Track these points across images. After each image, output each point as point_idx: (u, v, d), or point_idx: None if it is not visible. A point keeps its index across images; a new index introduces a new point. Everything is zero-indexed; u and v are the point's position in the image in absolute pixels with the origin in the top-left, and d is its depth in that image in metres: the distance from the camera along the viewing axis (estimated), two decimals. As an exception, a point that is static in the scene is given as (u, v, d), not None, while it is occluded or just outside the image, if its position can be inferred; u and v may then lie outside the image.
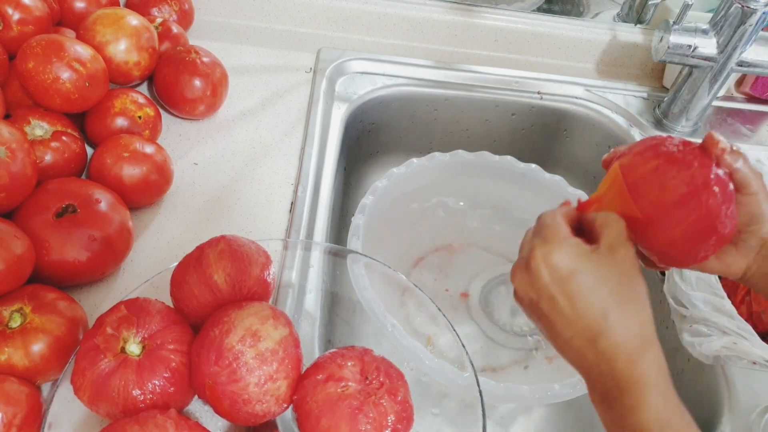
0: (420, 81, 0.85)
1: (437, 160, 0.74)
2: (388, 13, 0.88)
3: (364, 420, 0.42)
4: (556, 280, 0.33)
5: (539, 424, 0.73)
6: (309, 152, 0.72)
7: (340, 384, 0.44)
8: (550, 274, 0.33)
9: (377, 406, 0.43)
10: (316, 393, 0.43)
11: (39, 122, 0.59)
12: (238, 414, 0.43)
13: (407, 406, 0.45)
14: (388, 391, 0.44)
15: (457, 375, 0.53)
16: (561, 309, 0.33)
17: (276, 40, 0.87)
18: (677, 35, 0.72)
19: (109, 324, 0.44)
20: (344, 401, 0.43)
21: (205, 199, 0.66)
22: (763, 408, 0.58)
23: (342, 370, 0.44)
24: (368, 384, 0.44)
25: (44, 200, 0.52)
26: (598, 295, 0.32)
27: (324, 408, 0.43)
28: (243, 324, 0.43)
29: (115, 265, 0.56)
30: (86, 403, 0.43)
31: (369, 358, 0.46)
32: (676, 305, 0.61)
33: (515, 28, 0.89)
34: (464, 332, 0.74)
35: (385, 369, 0.45)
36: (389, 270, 0.56)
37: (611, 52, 0.91)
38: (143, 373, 0.42)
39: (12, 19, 0.62)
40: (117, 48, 0.65)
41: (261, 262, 0.50)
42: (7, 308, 0.46)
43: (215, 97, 0.71)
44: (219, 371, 0.42)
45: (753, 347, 0.55)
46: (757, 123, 0.88)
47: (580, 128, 0.88)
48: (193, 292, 0.48)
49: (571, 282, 0.33)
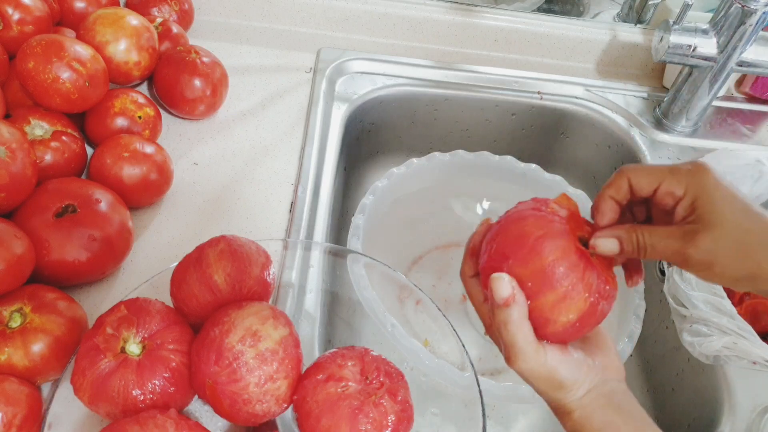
0: (420, 81, 0.85)
1: (437, 160, 0.74)
2: (388, 13, 0.88)
3: (364, 420, 0.42)
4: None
5: (539, 424, 0.73)
6: (309, 152, 0.72)
7: (340, 384, 0.44)
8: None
9: (377, 406, 0.43)
10: (316, 393, 0.43)
11: (39, 122, 0.59)
12: (238, 414, 0.43)
13: (407, 406, 0.45)
14: (389, 391, 0.44)
15: (457, 375, 0.53)
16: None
17: (276, 40, 0.87)
18: (677, 35, 0.72)
19: (109, 324, 0.44)
20: (344, 401, 0.43)
21: (205, 199, 0.66)
22: (763, 408, 0.58)
23: (342, 370, 0.44)
24: (368, 384, 0.44)
25: (44, 200, 0.52)
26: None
27: (324, 408, 0.43)
28: (243, 324, 0.43)
29: (115, 265, 0.56)
30: (86, 403, 0.43)
31: (369, 358, 0.46)
32: (676, 305, 0.61)
33: (515, 28, 0.89)
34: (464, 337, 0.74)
35: (385, 369, 0.46)
36: (389, 270, 0.56)
37: (611, 52, 0.91)
38: (143, 373, 0.42)
39: (12, 19, 0.62)
40: (117, 48, 0.65)
41: (261, 262, 0.50)
42: (7, 308, 0.47)
43: (215, 97, 0.71)
44: (219, 371, 0.42)
45: (753, 347, 0.55)
46: (757, 123, 0.87)
47: (580, 128, 0.88)
48: (193, 292, 0.48)
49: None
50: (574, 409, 0.40)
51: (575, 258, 0.37)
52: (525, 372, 0.40)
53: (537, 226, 0.39)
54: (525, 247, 0.38)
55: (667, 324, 0.72)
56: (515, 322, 0.38)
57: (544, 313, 0.38)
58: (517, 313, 0.38)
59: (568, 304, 0.38)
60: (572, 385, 0.40)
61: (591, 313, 0.38)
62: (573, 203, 0.41)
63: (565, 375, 0.39)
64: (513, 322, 0.38)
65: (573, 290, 0.37)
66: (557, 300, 0.38)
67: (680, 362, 0.68)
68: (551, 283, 0.37)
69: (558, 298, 0.37)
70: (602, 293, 0.38)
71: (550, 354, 0.39)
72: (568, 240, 0.38)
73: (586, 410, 0.40)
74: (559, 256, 0.37)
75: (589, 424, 0.39)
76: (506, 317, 0.38)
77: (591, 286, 0.38)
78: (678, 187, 0.37)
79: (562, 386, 0.40)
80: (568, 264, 0.37)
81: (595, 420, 0.39)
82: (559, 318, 0.38)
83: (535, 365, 0.39)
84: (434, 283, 0.79)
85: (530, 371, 0.39)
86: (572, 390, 0.40)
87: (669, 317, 0.64)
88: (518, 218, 0.40)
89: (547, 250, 0.38)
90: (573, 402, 0.40)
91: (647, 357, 0.77)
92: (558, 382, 0.39)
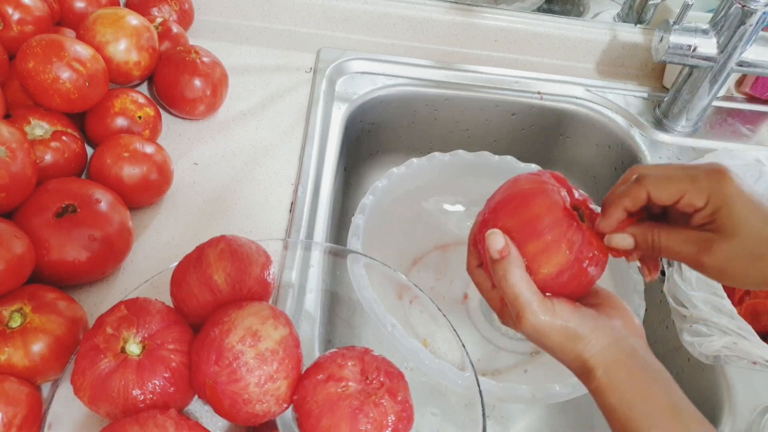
0: (420, 81, 0.85)
1: (437, 160, 0.74)
2: (388, 13, 0.88)
3: (364, 420, 0.42)
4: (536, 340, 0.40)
5: (539, 424, 0.73)
6: (309, 152, 0.72)
7: (340, 384, 0.44)
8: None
9: (378, 406, 0.43)
10: (316, 393, 0.43)
11: (39, 122, 0.59)
12: (238, 414, 0.43)
13: (407, 406, 0.45)
14: (389, 391, 0.44)
15: (457, 375, 0.53)
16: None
17: (276, 40, 0.87)
18: (677, 35, 0.72)
19: (109, 324, 0.44)
20: (344, 401, 0.43)
21: (205, 199, 0.66)
22: (763, 408, 0.58)
23: (342, 370, 0.44)
24: (368, 384, 0.44)
25: (44, 200, 0.52)
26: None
27: (324, 408, 0.43)
28: (243, 324, 0.43)
29: (115, 265, 0.56)
30: (86, 402, 0.43)
31: (369, 357, 0.46)
32: (676, 305, 0.61)
33: (515, 28, 0.89)
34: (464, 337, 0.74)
35: (386, 369, 0.46)
36: (389, 270, 0.56)
37: (611, 52, 0.91)
38: (143, 373, 0.42)
39: (12, 19, 0.62)
40: (117, 48, 0.65)
41: (261, 262, 0.50)
42: (7, 308, 0.46)
43: (215, 97, 0.71)
44: (219, 371, 0.42)
45: (753, 347, 0.55)
46: (757, 123, 0.87)
47: (581, 128, 0.88)
48: (193, 291, 0.48)
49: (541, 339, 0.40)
50: (597, 366, 0.37)
51: (561, 215, 0.39)
52: (537, 326, 0.38)
53: (529, 183, 0.41)
54: (514, 201, 0.40)
55: (667, 324, 0.72)
56: (513, 272, 0.38)
57: (527, 264, 0.39)
58: (514, 263, 0.38)
59: (548, 255, 0.39)
60: (590, 334, 0.38)
61: (573, 271, 0.39)
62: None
63: (578, 324, 0.38)
64: (511, 272, 0.38)
65: (554, 243, 0.38)
66: (538, 251, 0.39)
67: (680, 362, 0.68)
68: (534, 232, 0.39)
69: (539, 248, 0.39)
70: (587, 255, 0.39)
71: (558, 305, 0.38)
72: (556, 199, 0.39)
73: (610, 367, 0.37)
74: (544, 210, 0.39)
75: (616, 380, 0.37)
76: (504, 269, 0.38)
77: (573, 244, 0.39)
78: (700, 198, 0.37)
79: (578, 336, 0.38)
80: (552, 218, 0.39)
81: (621, 377, 0.37)
82: (540, 269, 0.39)
83: (545, 316, 0.38)
84: (434, 283, 0.79)
85: (541, 323, 0.38)
86: (591, 341, 0.38)
87: (669, 317, 0.64)
88: (513, 181, 0.42)
89: (534, 203, 0.39)
90: (594, 356, 0.38)
91: (647, 357, 0.77)
92: (573, 331, 0.38)
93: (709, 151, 0.78)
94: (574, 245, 0.39)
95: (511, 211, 0.40)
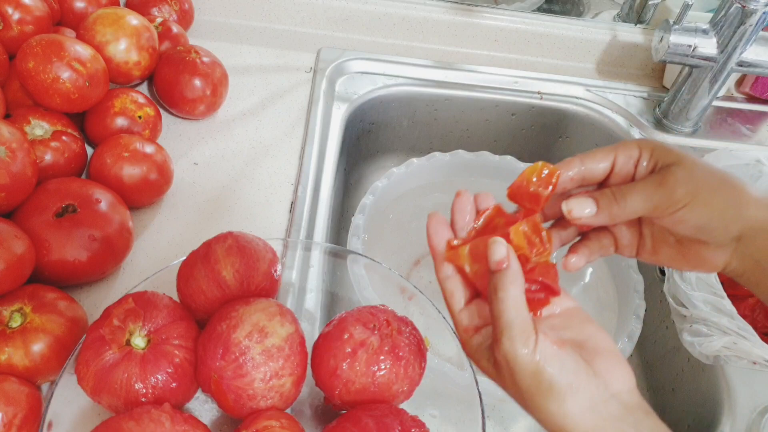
0: (420, 81, 0.85)
1: (437, 160, 0.74)
2: (388, 13, 0.88)
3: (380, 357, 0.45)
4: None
5: (539, 425, 0.73)
6: (309, 152, 0.72)
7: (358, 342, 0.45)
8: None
9: (393, 340, 0.46)
10: (335, 348, 0.46)
11: (39, 122, 0.59)
12: (242, 409, 0.43)
13: (420, 341, 0.48)
14: (398, 331, 0.47)
15: (457, 375, 0.53)
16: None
17: (276, 40, 0.87)
18: (677, 35, 0.72)
19: (116, 315, 0.44)
20: (362, 348, 0.45)
21: (205, 198, 0.66)
22: (763, 408, 0.58)
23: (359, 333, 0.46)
24: (378, 330, 0.46)
25: (44, 200, 0.52)
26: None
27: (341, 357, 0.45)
28: (250, 320, 0.43)
29: (115, 264, 0.56)
30: (89, 393, 0.43)
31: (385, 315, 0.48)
32: (676, 305, 0.61)
33: (515, 28, 0.89)
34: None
35: (396, 320, 0.48)
36: (389, 271, 0.56)
37: (611, 52, 0.91)
38: (147, 366, 0.42)
39: (12, 19, 0.62)
40: (117, 48, 0.65)
41: (268, 258, 0.50)
42: (7, 308, 0.46)
43: (215, 97, 0.71)
44: (225, 366, 0.42)
45: (753, 347, 0.55)
46: (757, 123, 0.87)
47: (581, 128, 0.88)
48: (201, 287, 0.48)
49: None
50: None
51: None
52: (507, 357, 0.33)
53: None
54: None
55: (667, 324, 0.72)
56: (507, 288, 0.34)
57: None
58: (510, 278, 0.34)
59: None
60: (565, 390, 0.32)
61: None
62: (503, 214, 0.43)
63: (556, 373, 0.32)
64: (504, 288, 0.34)
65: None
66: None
67: (680, 362, 0.68)
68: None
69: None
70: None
71: (542, 342, 0.33)
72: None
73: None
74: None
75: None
76: (497, 282, 0.34)
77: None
78: (632, 148, 0.38)
79: (552, 389, 0.32)
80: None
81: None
82: None
83: (519, 349, 0.32)
84: (434, 283, 0.79)
85: (513, 357, 0.33)
86: (566, 399, 0.32)
87: (669, 317, 0.64)
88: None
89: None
90: (574, 422, 0.32)
91: (647, 357, 0.77)
92: (546, 381, 0.32)
93: (709, 151, 0.78)
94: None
95: None
